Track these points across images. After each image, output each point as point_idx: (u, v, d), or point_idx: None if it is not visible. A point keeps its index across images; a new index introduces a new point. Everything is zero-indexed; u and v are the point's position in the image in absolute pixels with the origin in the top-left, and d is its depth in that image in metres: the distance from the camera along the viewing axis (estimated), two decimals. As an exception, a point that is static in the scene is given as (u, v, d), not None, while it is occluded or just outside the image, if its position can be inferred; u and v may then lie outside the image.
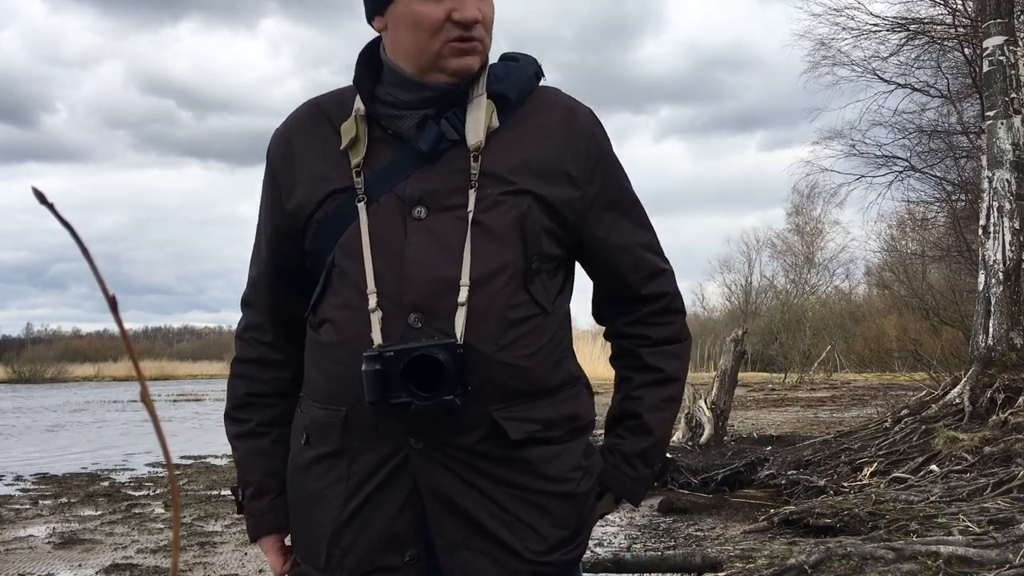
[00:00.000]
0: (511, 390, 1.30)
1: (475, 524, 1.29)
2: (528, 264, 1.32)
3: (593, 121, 1.42)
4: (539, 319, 1.33)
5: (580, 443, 1.38)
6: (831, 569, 4.20)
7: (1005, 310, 8.23)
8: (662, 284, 1.45)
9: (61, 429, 16.73)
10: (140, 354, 0.90)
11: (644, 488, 1.46)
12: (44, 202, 0.49)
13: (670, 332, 1.45)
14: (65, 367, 51.71)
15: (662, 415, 1.43)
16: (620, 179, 1.43)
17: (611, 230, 1.40)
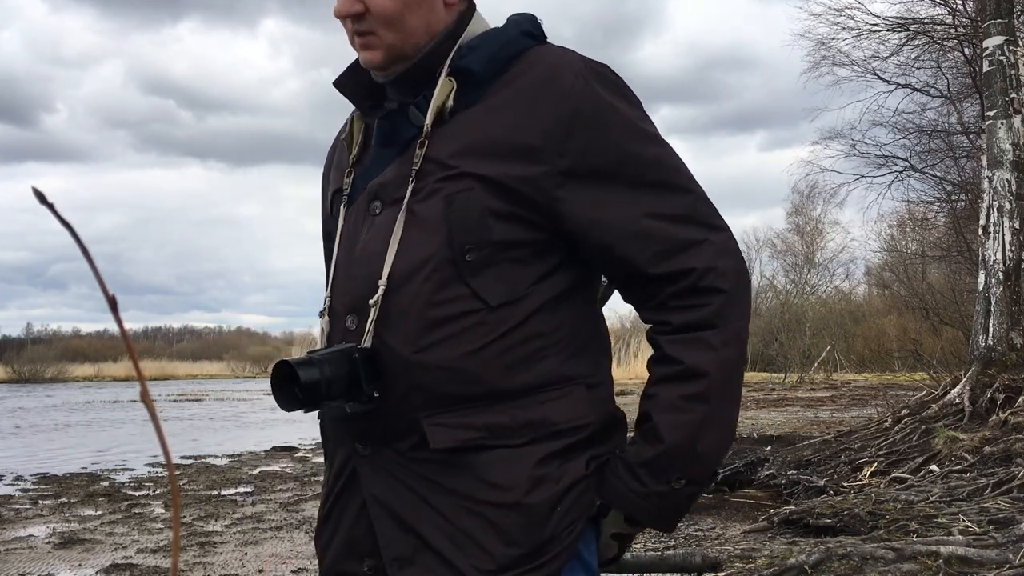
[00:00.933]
0: (442, 394, 1.17)
1: (420, 537, 1.18)
2: (459, 254, 1.16)
3: (581, 77, 1.19)
4: (481, 315, 1.17)
5: (539, 450, 1.17)
6: (831, 569, 4.20)
7: (1005, 310, 8.23)
8: (685, 259, 1.18)
9: (61, 429, 16.73)
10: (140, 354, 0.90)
11: (662, 507, 1.20)
12: (44, 202, 0.49)
13: (698, 316, 1.18)
14: (65, 367, 51.71)
15: (679, 417, 1.17)
16: (618, 139, 1.19)
17: (599, 204, 1.18)
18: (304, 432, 15.62)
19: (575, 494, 1.19)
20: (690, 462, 1.19)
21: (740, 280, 1.21)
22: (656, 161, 1.21)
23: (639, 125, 1.22)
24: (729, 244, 1.23)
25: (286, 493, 8.35)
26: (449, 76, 1.22)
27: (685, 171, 1.24)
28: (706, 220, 1.22)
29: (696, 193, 1.23)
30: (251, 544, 6.07)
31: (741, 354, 1.21)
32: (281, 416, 20.26)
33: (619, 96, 1.22)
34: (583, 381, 1.23)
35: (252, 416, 20.35)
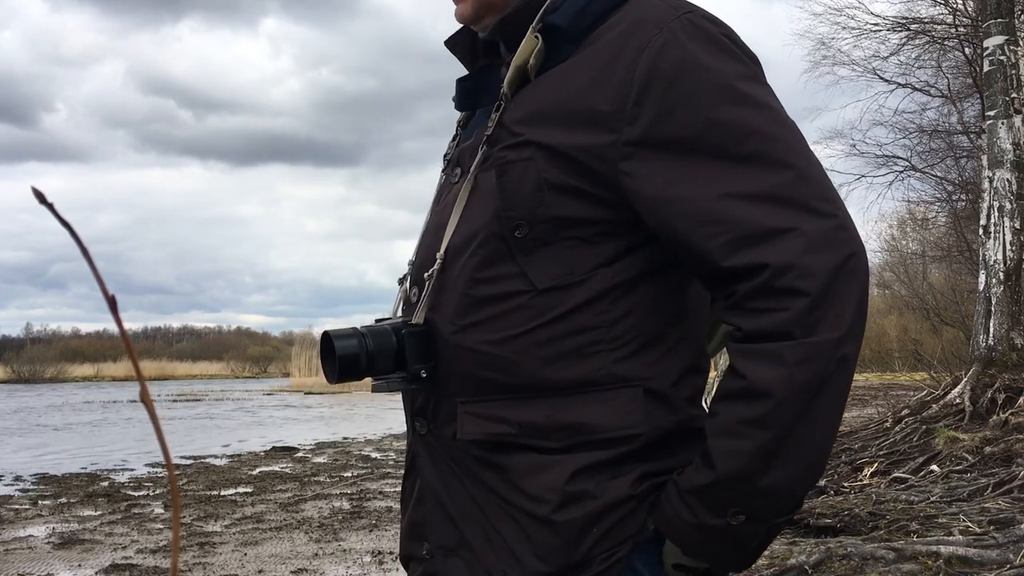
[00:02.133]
0: (479, 380, 1.07)
1: (462, 531, 1.11)
2: (509, 230, 1.05)
3: (667, 30, 1.02)
4: (525, 298, 1.05)
5: (576, 459, 1.04)
6: (831, 569, 4.19)
7: (1006, 310, 8.22)
8: (762, 252, 0.96)
9: (61, 429, 16.73)
10: (140, 354, 0.90)
11: (721, 543, 1.01)
12: (44, 202, 0.49)
13: (771, 323, 0.96)
14: (65, 367, 51.78)
15: (735, 444, 0.97)
16: (700, 100, 1.00)
17: (669, 180, 1.00)
18: (304, 432, 15.62)
19: (617, 515, 1.04)
20: (749, 496, 0.98)
21: (838, 282, 0.95)
22: (750, 129, 1.00)
23: (735, 85, 1.01)
24: (831, 235, 0.97)
25: (286, 493, 8.35)
26: (536, 33, 1.09)
27: (790, 141, 1.01)
28: (804, 203, 0.98)
29: (798, 169, 0.99)
30: (251, 544, 6.07)
31: (829, 374, 0.96)
32: (281, 416, 20.26)
33: (715, 50, 1.02)
34: (641, 384, 1.06)
35: (252, 416, 20.35)
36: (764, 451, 0.97)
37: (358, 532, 6.44)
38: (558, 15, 1.09)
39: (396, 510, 7.34)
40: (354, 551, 5.81)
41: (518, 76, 1.10)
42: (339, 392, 33.43)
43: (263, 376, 58.74)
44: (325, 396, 30.66)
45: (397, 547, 1.34)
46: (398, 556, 1.26)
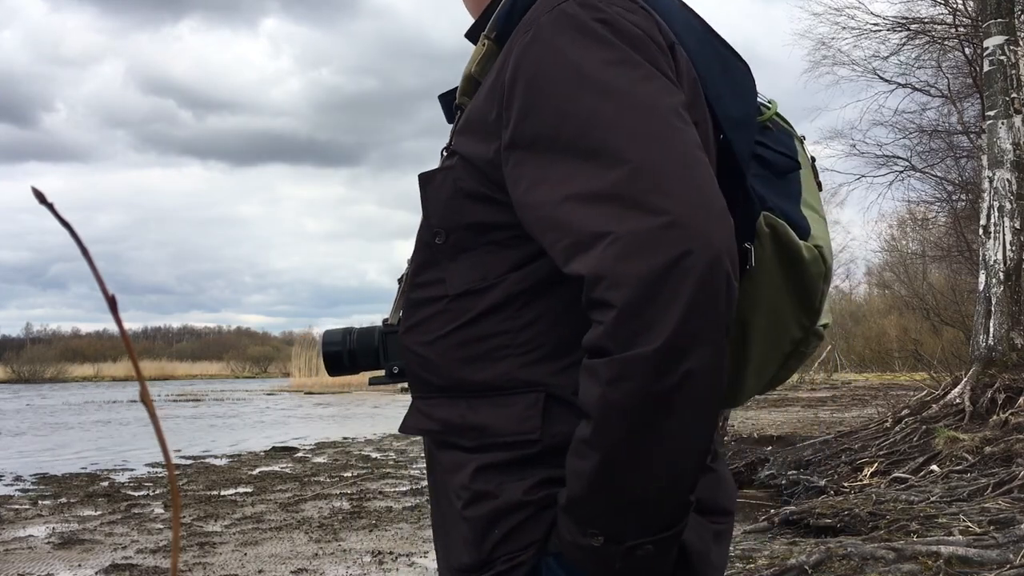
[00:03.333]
0: (419, 379, 1.13)
1: (439, 519, 1.14)
2: (430, 238, 1.08)
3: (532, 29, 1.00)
4: (444, 303, 1.07)
5: (480, 459, 1.04)
6: (831, 569, 4.19)
7: (1006, 310, 8.22)
8: (582, 260, 0.90)
9: (61, 429, 16.74)
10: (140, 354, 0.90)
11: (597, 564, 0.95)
12: (44, 202, 0.49)
13: (590, 338, 0.90)
14: (65, 367, 51.78)
15: (575, 464, 0.93)
16: (555, 95, 0.95)
17: (530, 183, 0.96)
18: (304, 432, 15.63)
19: (517, 518, 1.01)
20: (600, 517, 0.93)
21: (658, 288, 0.85)
22: (597, 120, 0.92)
23: (590, 74, 0.94)
24: (655, 236, 0.86)
25: (286, 493, 8.35)
26: (486, 39, 1.08)
27: (637, 129, 0.92)
28: (635, 199, 0.88)
29: (633, 162, 0.90)
30: (251, 544, 6.07)
31: (653, 392, 0.86)
32: (281, 416, 20.27)
33: (580, 38, 0.96)
34: (544, 390, 1.02)
35: (251, 416, 20.35)
36: (597, 472, 0.90)
37: (358, 532, 6.44)
38: (494, 19, 1.08)
39: (396, 510, 7.34)
40: (354, 551, 5.81)
41: (468, 86, 1.10)
42: (339, 392, 33.44)
43: (263, 376, 58.74)
44: (325, 396, 30.66)
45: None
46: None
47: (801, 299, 1.13)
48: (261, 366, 63.25)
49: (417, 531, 6.44)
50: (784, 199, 1.13)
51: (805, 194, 1.16)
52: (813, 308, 1.14)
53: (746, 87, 1.15)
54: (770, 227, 1.09)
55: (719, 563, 1.08)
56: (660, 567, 0.95)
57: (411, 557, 5.61)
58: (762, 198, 1.10)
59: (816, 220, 1.15)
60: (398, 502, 7.75)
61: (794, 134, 1.21)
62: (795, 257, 1.10)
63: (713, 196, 0.91)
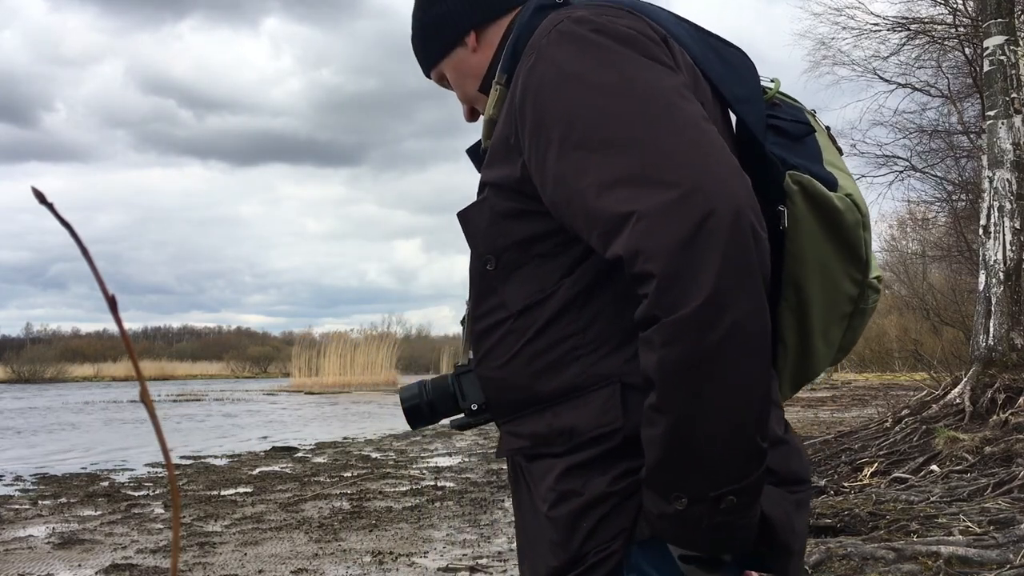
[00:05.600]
0: (500, 404, 1.18)
1: (524, 537, 1.21)
2: (482, 267, 1.16)
3: (535, 52, 1.09)
4: (509, 323, 1.13)
5: (566, 460, 1.09)
6: (831, 569, 4.20)
7: (1006, 310, 8.22)
8: (616, 243, 0.97)
9: (61, 429, 16.74)
10: (140, 354, 0.90)
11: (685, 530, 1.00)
12: (44, 202, 0.49)
13: (641, 312, 0.96)
14: (65, 367, 51.76)
15: (648, 432, 0.99)
16: (561, 100, 1.03)
17: (556, 184, 1.04)
18: (304, 432, 15.63)
19: (602, 511, 1.07)
20: (680, 479, 0.98)
21: (689, 251, 0.92)
22: (600, 115, 1.01)
23: (589, 78, 1.03)
24: (675, 206, 0.93)
25: (286, 493, 8.35)
26: (499, 85, 1.18)
27: (638, 117, 0.99)
28: (650, 178, 0.95)
29: (642, 144, 0.97)
30: (251, 544, 6.07)
31: (706, 345, 0.92)
32: (281, 416, 20.27)
33: (576, 50, 1.05)
34: (618, 380, 1.07)
35: (252, 416, 20.35)
36: (669, 433, 0.96)
37: (358, 532, 6.44)
38: (502, 65, 1.18)
39: (396, 510, 7.34)
40: (354, 551, 5.81)
41: (491, 128, 1.19)
42: (339, 392, 33.44)
43: (263, 376, 58.74)
44: (325, 396, 30.66)
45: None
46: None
47: (845, 250, 1.16)
48: (261, 366, 63.25)
49: (417, 531, 6.44)
50: (806, 159, 1.17)
51: (826, 154, 1.20)
52: (860, 258, 1.17)
53: (745, 68, 1.21)
54: (797, 183, 1.12)
55: (802, 530, 1.13)
56: (745, 522, 0.99)
57: (411, 557, 5.61)
58: (783, 159, 1.14)
59: (842, 175, 1.19)
60: (398, 502, 7.74)
61: (803, 108, 1.27)
62: (828, 207, 1.13)
63: (723, 158, 0.97)
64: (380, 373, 39.17)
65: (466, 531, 6.45)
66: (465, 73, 1.33)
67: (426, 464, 10.62)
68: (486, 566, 5.36)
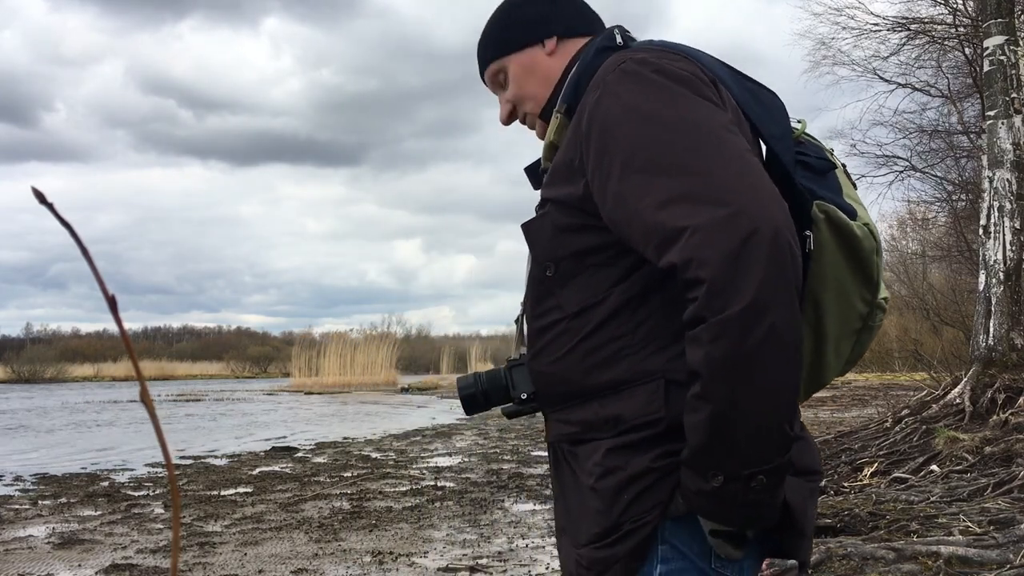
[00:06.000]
0: (550, 395, 1.35)
1: (568, 512, 1.36)
2: (542, 273, 1.33)
3: (602, 81, 1.27)
4: (564, 324, 1.31)
5: (611, 441, 1.26)
6: (831, 569, 4.20)
7: (1006, 310, 8.22)
8: (673, 251, 1.13)
9: (61, 429, 16.74)
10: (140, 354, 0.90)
11: (720, 504, 1.16)
12: (44, 202, 0.49)
13: (691, 312, 1.12)
14: (65, 367, 51.76)
15: (691, 418, 1.15)
16: (625, 131, 1.21)
17: (617, 203, 1.21)
18: (304, 432, 15.63)
19: (643, 484, 1.23)
20: (718, 459, 1.14)
21: (735, 263, 1.07)
22: (661, 144, 1.17)
23: (652, 113, 1.20)
24: (721, 224, 1.09)
25: (286, 493, 8.35)
26: (559, 113, 1.37)
27: (694, 147, 1.16)
28: (701, 199, 1.12)
29: (696, 169, 1.14)
30: (251, 544, 6.07)
31: (750, 345, 1.08)
32: (281, 416, 20.27)
33: (638, 87, 1.23)
34: (662, 376, 1.24)
35: (252, 416, 20.35)
36: (711, 420, 1.12)
37: (358, 532, 6.44)
38: (564, 94, 1.37)
39: (396, 510, 7.34)
40: (354, 551, 5.81)
41: (550, 152, 1.39)
42: (339, 392, 33.43)
43: (263, 376, 58.74)
44: (325, 396, 30.66)
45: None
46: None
47: (860, 273, 1.33)
48: (261, 366, 63.25)
49: (417, 531, 6.44)
50: (830, 191, 1.34)
51: (845, 188, 1.38)
52: (872, 280, 1.34)
53: (778, 110, 1.38)
54: (823, 212, 1.29)
55: (813, 516, 1.32)
56: (772, 501, 1.17)
57: (411, 557, 5.61)
58: (811, 191, 1.31)
59: (859, 207, 1.36)
60: (398, 502, 7.74)
61: (824, 146, 1.44)
62: (849, 234, 1.30)
63: (765, 186, 1.14)
64: (380, 373, 39.17)
65: (466, 531, 6.45)
66: (532, 71, 1.48)
67: (426, 464, 10.62)
68: (486, 566, 5.36)
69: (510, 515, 7.10)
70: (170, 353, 66.38)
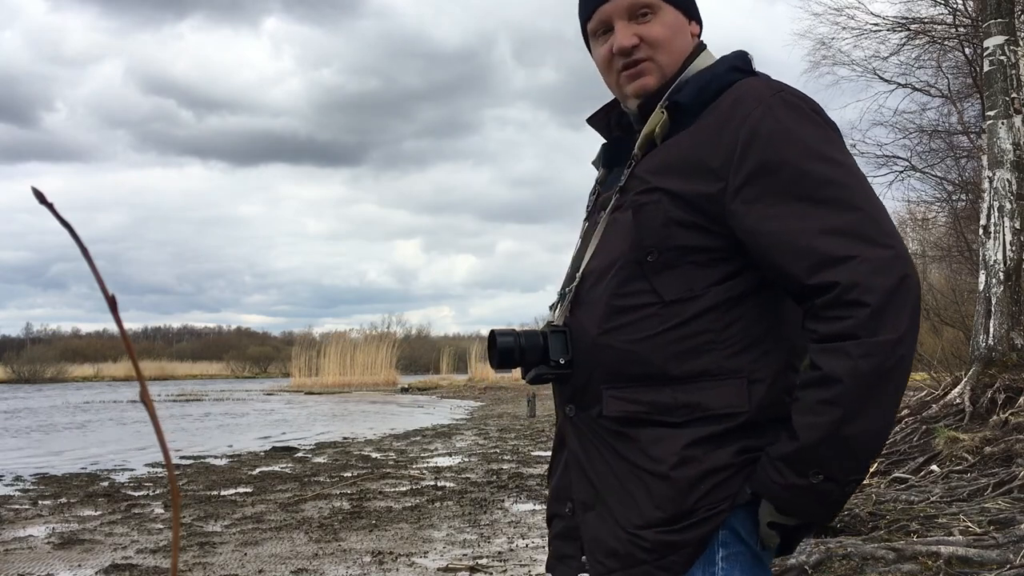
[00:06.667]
0: (618, 371, 1.39)
1: (597, 490, 1.41)
2: (642, 256, 1.38)
3: (764, 104, 1.35)
4: (656, 308, 1.37)
5: (695, 431, 1.34)
6: (831, 569, 4.20)
7: (1006, 310, 8.22)
8: (836, 272, 1.26)
9: (61, 429, 16.73)
10: (140, 354, 0.90)
11: (805, 499, 1.30)
12: (44, 202, 0.49)
13: (840, 327, 1.26)
14: (65, 367, 51.74)
15: (812, 419, 1.27)
16: (789, 158, 1.32)
17: (765, 218, 1.31)
18: (304, 432, 15.63)
19: (719, 478, 1.34)
20: (826, 460, 1.27)
21: (894, 297, 1.25)
22: (828, 180, 1.31)
23: (817, 146, 1.33)
24: (889, 262, 1.26)
25: (286, 493, 8.35)
26: (663, 109, 1.43)
27: (859, 190, 1.32)
28: (869, 237, 1.28)
29: (865, 211, 1.30)
30: (251, 544, 6.07)
31: (889, 366, 1.25)
32: (281, 416, 20.26)
33: (802, 120, 1.35)
34: (745, 376, 1.36)
35: (251, 416, 20.34)
36: (835, 424, 1.25)
37: (358, 532, 6.44)
38: (683, 95, 1.42)
39: (396, 510, 7.34)
40: (354, 551, 5.81)
41: (647, 141, 1.44)
42: (339, 392, 33.42)
43: (263, 376, 58.72)
44: (325, 396, 30.66)
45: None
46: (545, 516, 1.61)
47: None
48: (261, 366, 63.24)
49: (417, 531, 6.44)
50: None
51: None
52: None
53: None
54: None
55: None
56: (843, 504, 1.34)
57: (411, 557, 5.61)
58: None
59: None
60: (398, 502, 7.74)
61: None
62: None
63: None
64: (380, 373, 39.16)
65: (466, 531, 6.45)
66: (678, 34, 1.50)
67: (426, 464, 10.62)
68: (486, 566, 5.36)
69: (510, 515, 7.10)
70: (170, 353, 66.37)
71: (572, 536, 1.48)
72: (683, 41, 1.50)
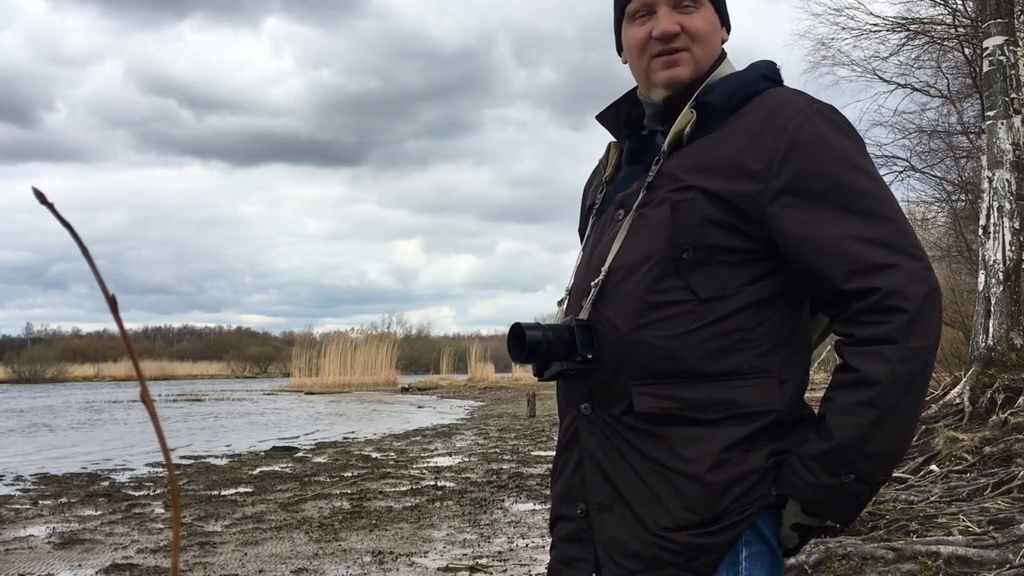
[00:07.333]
0: (650, 368, 1.38)
1: (618, 491, 1.39)
2: (677, 253, 1.37)
3: (803, 113, 1.38)
4: (690, 305, 1.37)
5: (730, 432, 1.35)
6: (831, 569, 4.20)
7: (1005, 310, 8.22)
8: (874, 279, 1.31)
9: (61, 429, 16.74)
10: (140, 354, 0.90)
11: (834, 499, 1.33)
12: (44, 202, 0.49)
13: (878, 332, 1.30)
14: (65, 367, 51.75)
15: (849, 419, 1.31)
16: (828, 167, 1.36)
17: (803, 222, 1.35)
18: (304, 432, 15.63)
19: (752, 480, 1.35)
20: (858, 460, 1.31)
21: (926, 306, 1.30)
22: (863, 191, 1.36)
23: (852, 158, 1.38)
24: (922, 273, 1.32)
25: (286, 493, 8.35)
26: (692, 108, 1.43)
27: (890, 203, 1.37)
28: (902, 248, 1.33)
29: (898, 224, 1.35)
30: (251, 544, 6.07)
31: (919, 371, 1.31)
32: (281, 416, 20.26)
33: (838, 132, 1.39)
34: (775, 375, 1.38)
35: (252, 416, 20.34)
36: (871, 424, 1.29)
37: (358, 532, 6.44)
38: (713, 96, 1.43)
39: (396, 510, 7.34)
40: (354, 551, 5.81)
41: (675, 139, 1.44)
42: (339, 392, 33.42)
43: (263, 376, 58.73)
44: (325, 396, 30.66)
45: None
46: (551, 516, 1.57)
47: None
48: (261, 366, 63.25)
49: (417, 531, 6.44)
50: None
51: None
52: None
53: None
54: None
55: None
56: (866, 504, 1.37)
57: (411, 557, 5.61)
58: None
59: None
60: (398, 502, 7.74)
61: None
62: None
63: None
64: (380, 373, 39.16)
65: (466, 531, 6.45)
66: (713, 33, 1.50)
67: (426, 464, 10.62)
68: (486, 566, 5.36)
69: (510, 515, 7.10)
70: (170, 353, 66.38)
71: (583, 538, 1.45)
72: (717, 41, 1.51)
